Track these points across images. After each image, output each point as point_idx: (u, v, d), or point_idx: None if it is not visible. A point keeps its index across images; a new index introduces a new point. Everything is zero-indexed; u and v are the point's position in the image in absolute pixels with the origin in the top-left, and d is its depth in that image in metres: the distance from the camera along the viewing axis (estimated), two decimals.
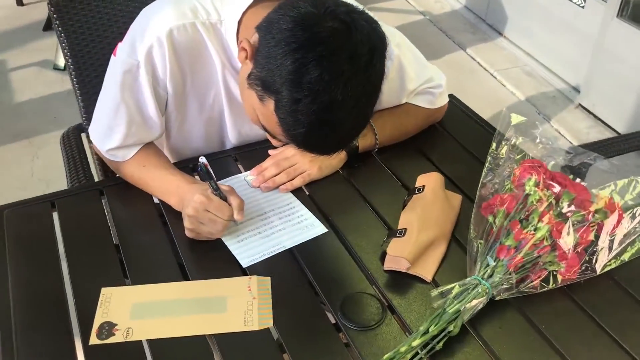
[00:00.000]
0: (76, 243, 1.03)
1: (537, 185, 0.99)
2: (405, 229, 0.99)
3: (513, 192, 1.00)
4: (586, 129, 2.78)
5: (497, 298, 0.91)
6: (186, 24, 1.04)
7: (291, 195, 1.14)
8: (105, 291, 0.94)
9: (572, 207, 0.96)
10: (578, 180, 1.02)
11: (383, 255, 1.00)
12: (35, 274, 0.97)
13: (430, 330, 0.84)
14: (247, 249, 1.02)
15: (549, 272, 0.94)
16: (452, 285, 0.90)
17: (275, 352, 0.87)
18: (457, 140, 1.30)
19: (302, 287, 0.97)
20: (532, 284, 0.92)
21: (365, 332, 0.89)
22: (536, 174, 1.00)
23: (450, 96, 1.37)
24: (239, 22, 1.04)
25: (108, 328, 0.89)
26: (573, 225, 0.94)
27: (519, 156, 1.05)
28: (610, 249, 0.96)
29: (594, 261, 0.95)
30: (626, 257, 0.97)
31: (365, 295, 0.94)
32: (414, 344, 0.82)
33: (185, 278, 0.97)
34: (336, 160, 1.17)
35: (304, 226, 1.07)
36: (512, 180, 1.03)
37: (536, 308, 0.92)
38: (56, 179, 2.45)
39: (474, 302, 0.87)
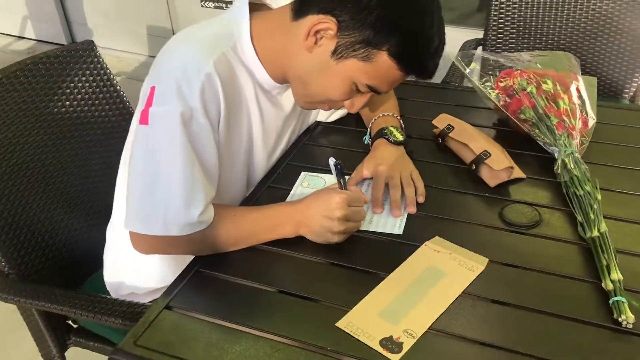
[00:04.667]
0: (240, 311, 0.90)
1: (528, 81, 1.27)
2: (485, 150, 1.15)
3: (518, 94, 1.25)
4: None
5: None
6: (220, 54, 0.99)
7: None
8: (341, 324, 0.87)
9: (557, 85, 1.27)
10: None
11: (476, 180, 1.16)
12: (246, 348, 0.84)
13: (589, 188, 1.04)
14: (386, 222, 1.06)
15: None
16: (559, 160, 1.12)
17: (509, 269, 0.97)
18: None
19: (460, 224, 1.06)
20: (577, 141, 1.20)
21: (536, 227, 1.04)
22: (519, 76, 1.28)
23: None
24: (251, 38, 1.03)
25: (390, 342, 0.84)
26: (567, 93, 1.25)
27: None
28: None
29: (590, 114, 1.28)
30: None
31: (515, 205, 1.09)
32: (598, 197, 1.02)
33: (381, 277, 0.96)
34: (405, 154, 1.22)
35: None
36: (497, 89, 1.30)
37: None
38: None
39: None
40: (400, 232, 1.04)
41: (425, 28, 0.95)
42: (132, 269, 1.18)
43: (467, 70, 1.32)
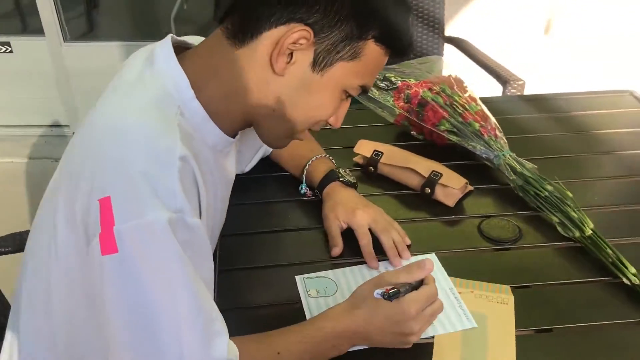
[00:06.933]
0: None
1: (430, 91, 1.24)
2: (433, 170, 1.09)
3: (430, 104, 1.21)
4: None
5: None
6: (177, 127, 0.73)
7: None
8: None
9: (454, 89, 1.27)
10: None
11: (430, 203, 1.09)
12: None
13: (547, 187, 1.05)
14: (449, 317, 0.87)
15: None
16: (503, 164, 1.10)
17: (525, 291, 0.92)
18: None
19: (451, 254, 0.98)
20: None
21: (521, 239, 1.02)
22: (422, 87, 1.25)
23: None
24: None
25: None
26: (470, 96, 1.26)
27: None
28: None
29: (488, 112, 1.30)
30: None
31: (489, 220, 1.04)
32: (569, 194, 1.03)
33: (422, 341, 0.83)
34: None
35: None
36: (397, 105, 1.25)
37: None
38: None
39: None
40: (475, 324, 0.85)
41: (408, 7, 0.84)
42: None
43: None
